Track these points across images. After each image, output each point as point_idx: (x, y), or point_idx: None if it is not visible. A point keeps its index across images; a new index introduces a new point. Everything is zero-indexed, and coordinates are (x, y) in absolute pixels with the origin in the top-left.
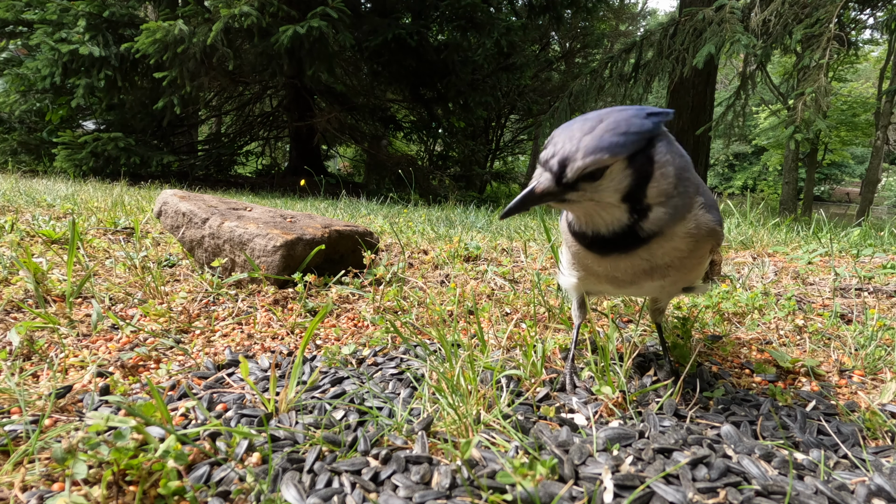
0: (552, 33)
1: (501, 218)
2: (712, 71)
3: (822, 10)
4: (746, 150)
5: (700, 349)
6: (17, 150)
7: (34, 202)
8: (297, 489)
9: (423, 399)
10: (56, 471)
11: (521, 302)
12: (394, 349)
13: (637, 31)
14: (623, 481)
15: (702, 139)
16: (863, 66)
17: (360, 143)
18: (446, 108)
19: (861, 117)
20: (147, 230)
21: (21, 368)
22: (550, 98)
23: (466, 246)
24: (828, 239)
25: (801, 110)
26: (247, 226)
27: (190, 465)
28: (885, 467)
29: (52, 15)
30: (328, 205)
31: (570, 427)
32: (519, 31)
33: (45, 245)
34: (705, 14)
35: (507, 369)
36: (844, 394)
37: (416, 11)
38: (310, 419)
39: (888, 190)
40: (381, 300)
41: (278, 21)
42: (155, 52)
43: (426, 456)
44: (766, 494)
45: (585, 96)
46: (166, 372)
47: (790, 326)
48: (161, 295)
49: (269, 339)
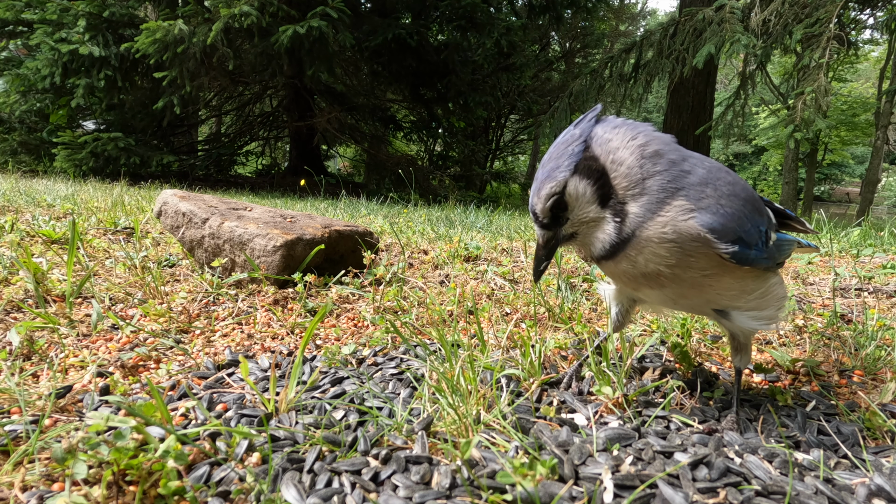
0: (552, 33)
1: (536, 281)
2: (712, 71)
3: (822, 10)
4: (746, 150)
5: (700, 349)
6: (17, 150)
7: (34, 202)
8: (297, 489)
9: (423, 399)
10: (56, 471)
11: (521, 302)
12: (394, 349)
13: (637, 31)
14: (623, 481)
15: (702, 139)
16: (863, 66)
17: (360, 143)
18: (446, 108)
19: (861, 117)
20: (147, 230)
21: (21, 368)
22: (550, 98)
23: (466, 246)
24: (828, 239)
25: (801, 110)
26: (247, 226)
27: (190, 465)
28: (885, 467)
29: (52, 15)
30: (328, 205)
31: (570, 427)
32: (519, 31)
33: (45, 245)
34: (705, 14)
35: (507, 369)
36: (844, 394)
37: (416, 11)
38: (310, 419)
39: (888, 190)
40: (381, 300)
41: (278, 21)
42: (155, 52)
43: (426, 456)
44: (767, 494)
45: (585, 96)
46: (166, 372)
47: (790, 326)
48: (161, 295)
49: (269, 339)
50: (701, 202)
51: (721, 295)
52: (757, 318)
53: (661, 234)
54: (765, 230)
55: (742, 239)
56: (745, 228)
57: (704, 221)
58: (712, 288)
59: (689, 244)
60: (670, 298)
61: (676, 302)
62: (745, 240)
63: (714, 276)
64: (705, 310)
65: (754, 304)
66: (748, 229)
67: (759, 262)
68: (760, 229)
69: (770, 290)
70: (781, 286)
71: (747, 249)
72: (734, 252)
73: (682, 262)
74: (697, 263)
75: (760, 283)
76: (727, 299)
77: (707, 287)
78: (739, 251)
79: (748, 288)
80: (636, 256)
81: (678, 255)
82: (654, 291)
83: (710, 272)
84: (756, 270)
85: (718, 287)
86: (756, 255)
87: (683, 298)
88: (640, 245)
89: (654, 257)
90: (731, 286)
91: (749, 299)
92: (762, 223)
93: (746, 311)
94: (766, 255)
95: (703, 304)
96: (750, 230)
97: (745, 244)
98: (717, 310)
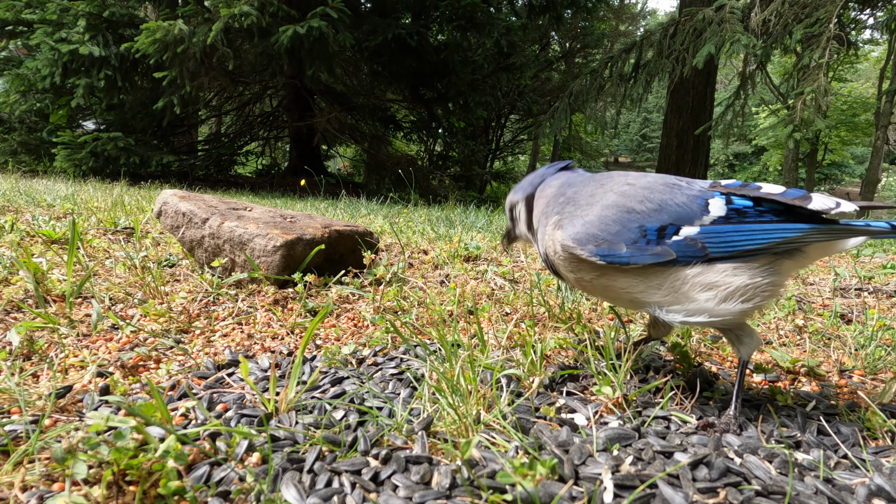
0: (552, 33)
1: (503, 249)
2: (712, 71)
3: (822, 10)
4: (746, 150)
5: (700, 349)
6: (17, 150)
7: (34, 202)
8: (297, 489)
9: (423, 399)
10: (56, 471)
11: (521, 302)
12: (394, 349)
13: (637, 31)
14: (623, 481)
15: (702, 139)
16: (863, 66)
17: (360, 143)
18: (446, 108)
19: (861, 117)
20: (147, 230)
21: (21, 368)
22: (550, 98)
23: (466, 246)
24: None
25: (801, 110)
26: (247, 226)
27: (190, 465)
28: (885, 467)
29: (52, 15)
30: (328, 205)
31: (570, 427)
32: (519, 31)
33: (45, 245)
34: (705, 14)
35: (507, 369)
36: (844, 394)
37: (416, 11)
38: (310, 419)
39: (888, 190)
40: (381, 300)
41: (278, 21)
42: (155, 52)
43: (426, 456)
44: (767, 494)
45: (585, 96)
46: (166, 372)
47: (790, 326)
48: (161, 295)
49: (269, 339)
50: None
51: (629, 292)
52: (681, 311)
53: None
54: (655, 228)
55: (608, 241)
56: (610, 231)
57: (568, 233)
58: (614, 287)
59: (564, 253)
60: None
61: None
62: (613, 241)
63: (604, 276)
64: (635, 307)
65: (671, 298)
66: (616, 231)
67: (638, 259)
68: (646, 228)
69: (686, 283)
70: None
71: (616, 250)
72: (599, 253)
73: (574, 268)
74: (582, 267)
75: (665, 278)
76: (642, 296)
77: (610, 287)
78: (606, 252)
79: (653, 283)
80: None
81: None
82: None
83: (598, 273)
84: (648, 267)
85: (619, 286)
86: (632, 254)
87: (606, 298)
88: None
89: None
90: (633, 284)
91: (662, 293)
92: (653, 221)
93: (667, 306)
94: (652, 251)
95: (625, 303)
96: (620, 231)
97: (611, 245)
98: (645, 307)
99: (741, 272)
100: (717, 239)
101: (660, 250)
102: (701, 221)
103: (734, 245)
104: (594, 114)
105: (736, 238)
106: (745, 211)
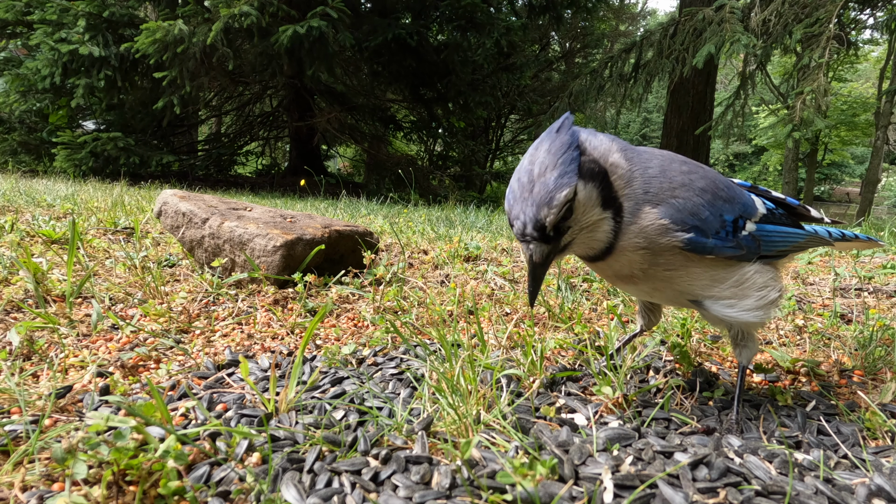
0: (552, 33)
1: (531, 306)
2: (712, 71)
3: (822, 10)
4: (746, 149)
5: (700, 349)
6: (17, 150)
7: (34, 202)
8: (297, 489)
9: (423, 399)
10: (56, 471)
11: (521, 302)
12: (394, 349)
13: (637, 31)
14: (623, 481)
15: (702, 139)
16: (863, 66)
17: (360, 143)
18: (446, 108)
19: (861, 117)
20: (147, 230)
21: (21, 368)
22: (550, 98)
23: (466, 246)
24: None
25: (801, 109)
26: (247, 226)
27: (190, 465)
28: (885, 467)
29: (52, 15)
30: (328, 205)
31: (570, 427)
32: (519, 31)
33: (45, 245)
34: (705, 14)
35: (507, 369)
36: (844, 394)
37: (416, 11)
38: (310, 419)
39: (888, 190)
40: (381, 300)
41: (278, 21)
42: (155, 52)
43: (426, 456)
44: (767, 494)
45: (585, 96)
46: (166, 372)
47: (790, 326)
48: (161, 295)
49: (269, 339)
50: (659, 196)
51: (691, 284)
52: (734, 306)
53: (640, 228)
54: (731, 219)
55: (698, 227)
56: (701, 217)
57: (666, 213)
58: (675, 277)
59: (655, 235)
60: (648, 290)
61: (651, 295)
62: (702, 228)
63: (672, 264)
64: (677, 303)
65: (729, 294)
66: (706, 217)
67: (720, 250)
68: (725, 218)
69: (746, 280)
70: (766, 277)
71: (703, 238)
72: (688, 240)
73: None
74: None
75: (731, 273)
76: (701, 289)
77: (671, 277)
78: (695, 239)
79: (718, 277)
80: (623, 251)
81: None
82: (631, 286)
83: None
84: (721, 260)
85: (684, 276)
86: (715, 244)
87: (658, 291)
88: (628, 239)
89: (635, 251)
90: (698, 275)
91: (722, 288)
92: (729, 211)
93: (722, 301)
94: (731, 244)
95: (674, 294)
96: (709, 218)
97: (701, 232)
98: (692, 300)
99: (769, 272)
100: (767, 237)
101: (735, 243)
102: (755, 218)
103: (775, 244)
104: (594, 114)
105: (777, 238)
106: (773, 212)
